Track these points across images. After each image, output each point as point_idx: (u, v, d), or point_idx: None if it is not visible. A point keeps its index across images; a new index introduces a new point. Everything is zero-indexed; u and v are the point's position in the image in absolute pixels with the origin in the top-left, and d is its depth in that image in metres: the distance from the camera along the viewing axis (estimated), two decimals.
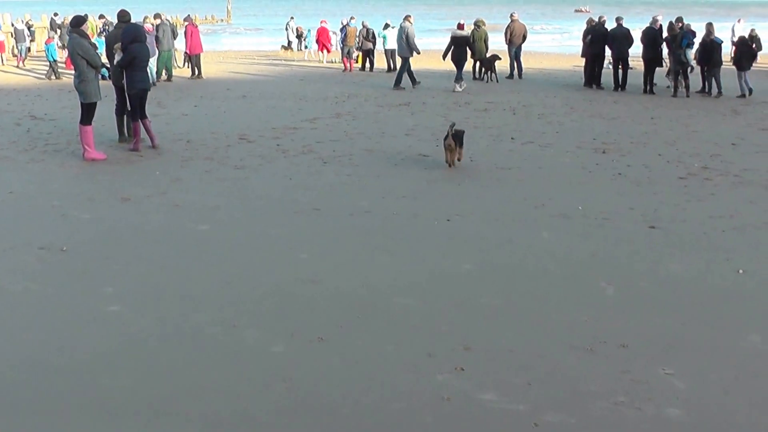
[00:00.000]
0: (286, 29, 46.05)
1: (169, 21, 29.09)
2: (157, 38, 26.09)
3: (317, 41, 37.36)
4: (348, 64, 32.59)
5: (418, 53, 26.10)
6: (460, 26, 26.86)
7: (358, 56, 33.19)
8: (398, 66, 26.57)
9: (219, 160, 13.82)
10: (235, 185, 12.08)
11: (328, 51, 36.59)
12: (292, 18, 47.83)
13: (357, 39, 32.68)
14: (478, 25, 27.89)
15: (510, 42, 28.89)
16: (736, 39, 36.69)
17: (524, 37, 29.21)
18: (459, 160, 13.52)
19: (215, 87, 25.59)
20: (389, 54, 31.71)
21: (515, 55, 28.95)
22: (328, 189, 11.83)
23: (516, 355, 6.36)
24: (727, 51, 31.32)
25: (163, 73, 27.20)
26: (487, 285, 7.95)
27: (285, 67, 33.80)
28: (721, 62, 24.08)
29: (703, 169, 13.55)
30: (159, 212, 10.48)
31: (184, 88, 25.00)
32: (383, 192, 11.64)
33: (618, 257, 8.94)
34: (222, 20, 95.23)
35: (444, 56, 26.12)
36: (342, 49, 33.32)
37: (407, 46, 25.41)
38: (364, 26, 32.87)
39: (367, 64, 32.93)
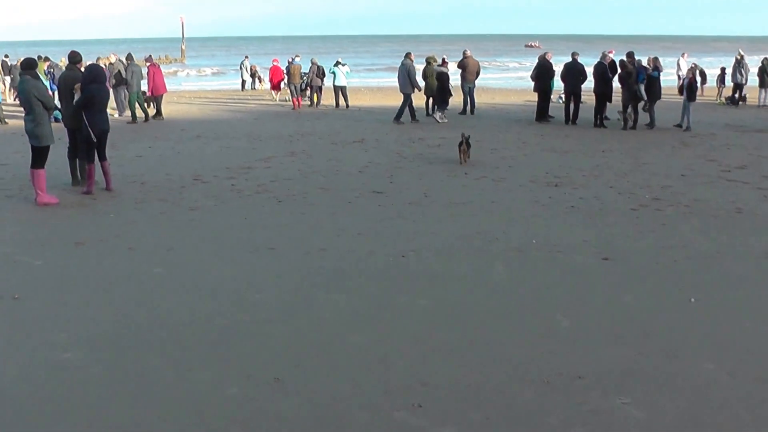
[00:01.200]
0: (241, 68, 46.06)
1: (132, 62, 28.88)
2: (125, 80, 26.51)
3: (270, 80, 37.51)
4: (295, 102, 32.85)
5: (419, 90, 26.91)
6: (444, 63, 28.65)
7: (314, 95, 33.59)
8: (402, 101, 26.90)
9: (173, 201, 13.73)
10: (190, 226, 11.99)
11: (279, 89, 36.74)
12: (246, 57, 47.73)
13: (306, 76, 33.09)
14: (428, 61, 28.21)
15: (463, 78, 29.10)
16: (682, 72, 37.74)
17: (477, 74, 29.47)
18: (468, 157, 17.34)
19: (169, 127, 25.47)
20: (338, 91, 32.52)
21: (469, 91, 29.21)
22: (282, 228, 11.80)
23: (473, 390, 6.35)
24: (674, 84, 32.00)
25: (126, 114, 27.28)
26: (443, 320, 7.95)
27: (239, 107, 33.77)
28: (659, 96, 24.70)
29: (654, 201, 13.73)
30: (113, 256, 10.34)
31: (138, 129, 24.86)
32: (338, 230, 11.62)
33: (572, 289, 9.00)
34: (176, 60, 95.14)
35: (419, 88, 26.96)
36: (289, 87, 33.56)
37: (409, 82, 26.28)
38: (313, 63, 33.35)
39: (315, 100, 33.57)
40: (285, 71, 34.23)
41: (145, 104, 27.50)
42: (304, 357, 7.01)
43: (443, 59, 29.81)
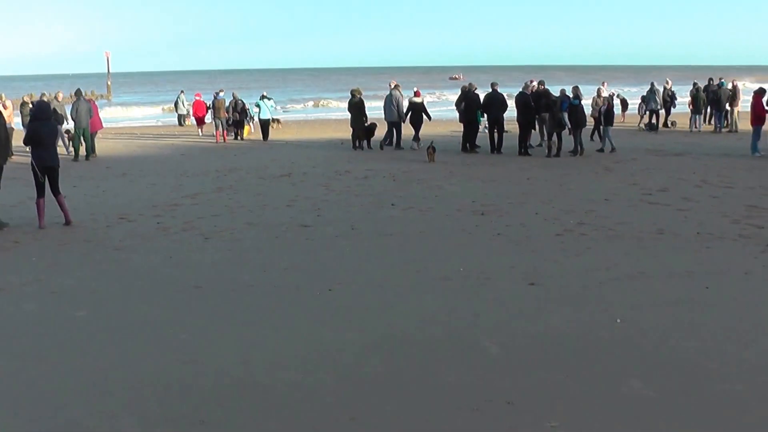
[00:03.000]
0: (176, 103, 44.85)
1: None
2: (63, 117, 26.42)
3: (194, 115, 37.39)
4: (219, 136, 32.86)
5: (403, 121, 27.99)
6: (417, 93, 29.18)
7: (239, 129, 33.72)
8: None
9: (98, 241, 13.48)
10: (115, 267, 11.77)
11: (203, 124, 36.63)
12: (182, 92, 46.36)
13: (229, 110, 33.24)
14: (353, 94, 28.34)
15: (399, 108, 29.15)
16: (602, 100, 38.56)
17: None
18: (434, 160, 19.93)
19: (95, 165, 25.16)
20: (263, 123, 32.93)
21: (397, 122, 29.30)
22: (209, 266, 11.65)
23: (402, 422, 6.34)
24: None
25: (70, 151, 27.10)
26: (372, 353, 7.93)
27: (166, 142, 33.44)
28: (584, 123, 25.21)
29: (578, 225, 13.93)
30: (35, 300, 10.08)
31: (64, 168, 24.34)
32: (265, 265, 11.54)
33: (500, 316, 9.06)
34: (102, 96, 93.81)
35: (403, 120, 27.98)
36: (214, 121, 33.58)
37: (396, 112, 27.49)
38: (234, 97, 33.57)
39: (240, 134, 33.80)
40: (210, 106, 34.17)
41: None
42: (230, 398, 6.90)
43: (416, 91, 30.25)
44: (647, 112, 35.81)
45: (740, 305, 9.45)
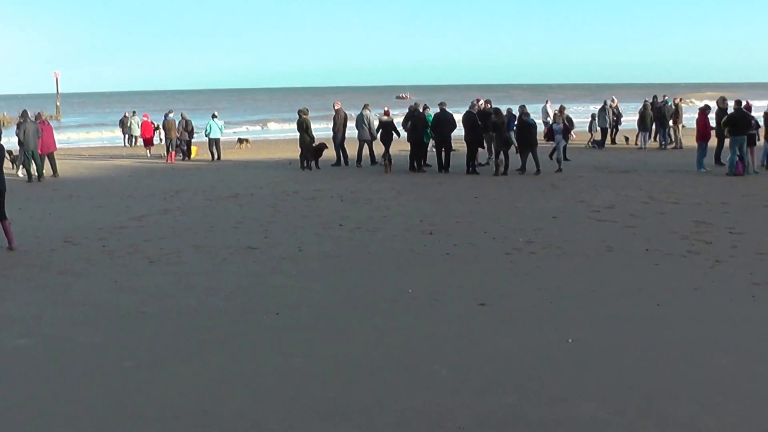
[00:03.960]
0: (129, 124, 43.52)
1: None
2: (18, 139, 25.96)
3: (142, 136, 37.12)
4: (169, 157, 32.72)
5: (375, 139, 28.70)
6: (386, 113, 30.15)
7: (191, 148, 33.69)
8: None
9: (42, 266, 13.12)
10: (59, 292, 11.45)
11: (151, 144, 36.28)
12: (134, 113, 45.21)
13: (179, 131, 33.15)
14: (300, 114, 28.29)
15: (334, 131, 29.19)
16: (549, 119, 39.34)
17: (346, 125, 29.77)
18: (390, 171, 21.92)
19: (41, 187, 24.68)
20: (213, 143, 32.86)
21: (340, 143, 29.26)
22: (154, 290, 11.38)
23: None
24: (540, 129, 33.11)
25: (21, 173, 26.70)
26: (320, 378, 7.77)
27: (114, 164, 32.93)
28: (536, 142, 25.32)
29: (527, 243, 13.89)
30: None
31: (10, 190, 23.77)
32: (211, 289, 11.30)
33: (451, 337, 8.94)
34: (51, 117, 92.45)
35: (374, 137, 28.67)
36: (165, 141, 33.41)
37: (368, 130, 28.29)
38: (183, 118, 33.49)
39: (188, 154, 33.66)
40: (161, 126, 33.99)
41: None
42: (177, 428, 6.67)
43: (386, 110, 31.14)
44: (599, 129, 36.24)
45: (692, 322, 9.45)
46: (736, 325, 9.36)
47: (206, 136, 33.31)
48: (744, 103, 27.15)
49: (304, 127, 27.86)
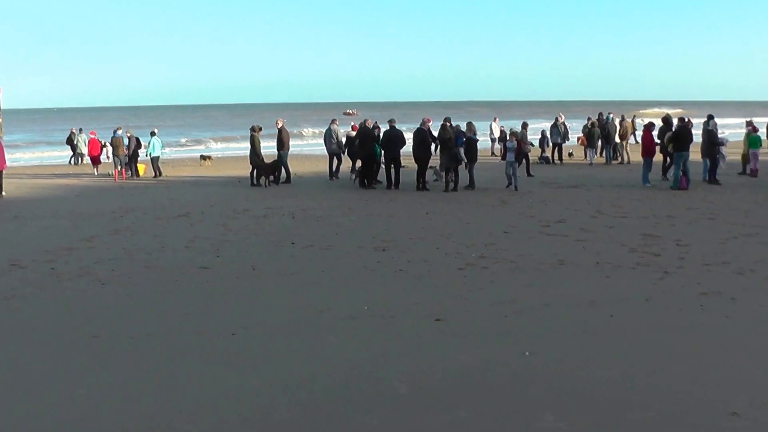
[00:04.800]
0: (76, 142, 42.96)
1: None
2: None
3: (89, 154, 36.80)
4: (117, 174, 32.60)
5: (343, 152, 29.81)
6: (354, 128, 30.39)
7: (138, 166, 33.53)
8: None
9: None
10: (5, 318, 11.19)
11: (99, 162, 36.00)
12: (80, 130, 44.25)
13: (129, 148, 33.01)
14: (252, 130, 28.28)
15: (281, 148, 29.13)
16: (495, 136, 39.96)
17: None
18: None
19: None
20: (155, 161, 33.02)
21: (285, 161, 29.24)
22: (107, 313, 11.20)
23: None
24: (488, 146, 33.55)
25: None
26: (278, 399, 7.72)
27: (60, 183, 32.40)
28: (477, 158, 25.68)
29: (480, 258, 13.98)
30: None
31: None
32: (165, 311, 11.19)
33: (408, 353, 8.96)
34: None
35: (343, 151, 30.01)
36: (113, 159, 33.27)
37: (336, 144, 29.84)
38: (131, 135, 33.45)
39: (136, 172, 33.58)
40: (109, 143, 33.69)
41: None
42: None
43: (353, 126, 31.56)
44: (550, 146, 36.79)
45: (645, 332, 9.63)
46: (687, 334, 9.55)
47: (148, 155, 33.10)
48: (686, 119, 27.81)
49: (254, 145, 27.83)
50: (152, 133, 33.53)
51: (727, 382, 7.92)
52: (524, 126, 31.78)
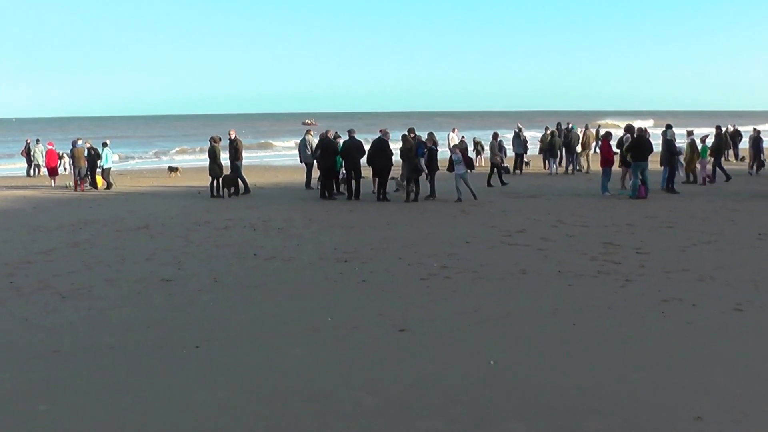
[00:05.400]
0: (33, 153, 42.28)
1: None
2: None
3: (47, 165, 36.61)
4: (78, 185, 32.37)
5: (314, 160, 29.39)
6: (331, 135, 29.51)
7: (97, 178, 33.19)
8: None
9: None
10: None
11: (56, 173, 35.69)
12: (38, 141, 43.66)
13: (93, 159, 32.78)
14: (211, 141, 28.14)
15: (236, 158, 28.82)
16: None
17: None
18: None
19: None
20: (106, 173, 32.75)
21: (240, 171, 29.06)
22: (68, 327, 11.06)
23: None
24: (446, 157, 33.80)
25: None
26: (243, 412, 7.68)
27: (16, 194, 31.90)
28: (437, 168, 25.78)
29: (442, 269, 14.02)
30: None
31: None
32: (127, 324, 11.07)
33: (373, 365, 8.96)
34: None
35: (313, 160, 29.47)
36: (72, 170, 32.94)
37: (311, 154, 29.67)
38: (90, 147, 33.17)
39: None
40: (66, 155, 33.41)
41: None
42: None
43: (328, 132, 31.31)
44: (514, 156, 37.06)
45: (608, 339, 9.73)
46: (650, 341, 9.66)
47: (101, 167, 32.80)
48: (644, 129, 28.23)
49: (214, 155, 27.68)
50: (104, 144, 33.21)
51: (690, 387, 8.02)
52: (494, 136, 31.89)
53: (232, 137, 29.22)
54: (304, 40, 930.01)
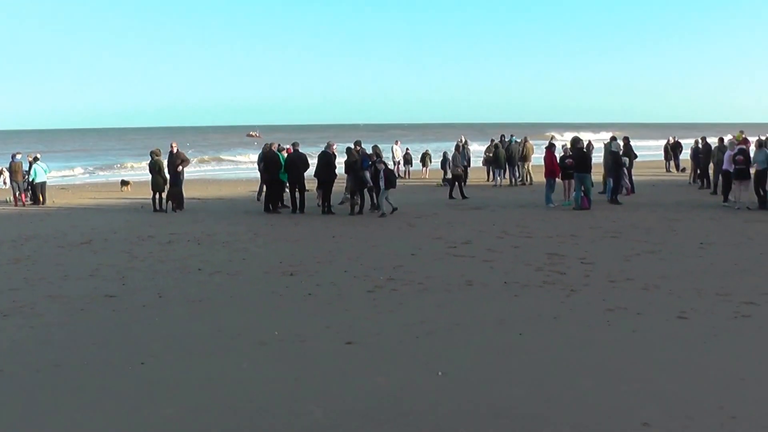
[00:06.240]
0: None
1: None
2: None
3: None
4: (16, 200, 32.09)
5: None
6: (288, 150, 28.86)
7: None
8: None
9: None
10: None
11: None
12: None
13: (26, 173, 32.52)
14: (152, 154, 27.88)
15: (176, 173, 28.42)
16: (398, 159, 40.42)
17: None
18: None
19: None
20: (39, 187, 32.49)
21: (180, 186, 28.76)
22: (9, 346, 10.82)
23: None
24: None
25: None
26: (190, 428, 7.60)
27: None
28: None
29: (389, 281, 14.03)
30: None
31: None
32: (71, 342, 10.88)
33: (322, 378, 8.92)
34: None
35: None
36: (11, 185, 32.69)
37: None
38: (31, 160, 32.88)
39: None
40: (6, 169, 32.98)
41: None
42: None
43: (288, 148, 30.58)
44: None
45: (554, 348, 9.81)
46: (596, 349, 9.76)
47: (29, 182, 32.33)
48: (588, 141, 28.69)
49: (156, 169, 27.38)
50: (35, 159, 32.82)
51: (636, 393, 8.11)
52: (457, 148, 32.10)
53: (174, 150, 28.79)
54: (252, 50, 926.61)
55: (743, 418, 7.46)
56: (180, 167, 28.07)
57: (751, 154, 25.75)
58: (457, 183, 30.37)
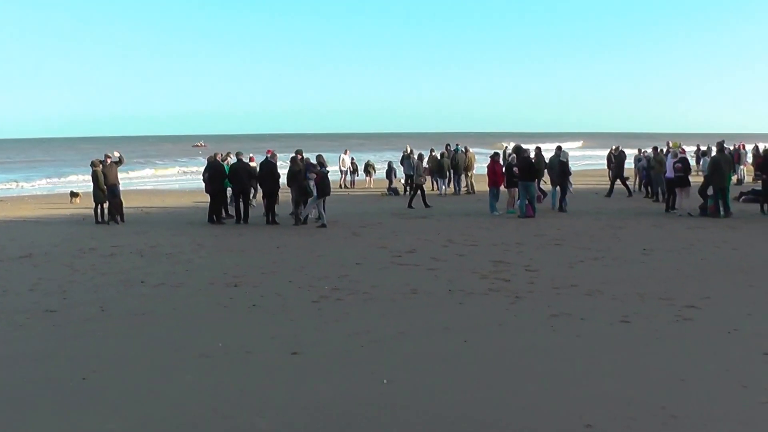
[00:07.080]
0: None
1: None
2: None
3: None
4: None
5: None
6: (251, 159, 30.07)
7: None
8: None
9: None
10: None
11: None
12: None
13: None
14: (92, 165, 27.53)
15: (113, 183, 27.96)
16: (345, 168, 40.52)
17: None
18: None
19: None
20: None
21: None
22: None
23: None
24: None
25: None
26: None
27: None
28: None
29: (334, 291, 14.00)
30: None
31: None
32: (10, 358, 10.64)
33: (267, 389, 8.86)
34: None
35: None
36: None
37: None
38: None
39: None
40: None
41: None
42: None
43: (251, 157, 30.93)
44: (404, 177, 37.45)
45: (499, 355, 9.88)
46: (541, 354, 9.86)
47: None
48: (537, 149, 29.05)
49: (96, 180, 26.99)
50: None
51: (580, 397, 8.21)
52: (420, 157, 32.36)
53: (113, 158, 28.17)
54: (201, 59, 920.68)
55: (684, 417, 7.60)
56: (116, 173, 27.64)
57: (692, 163, 26.28)
58: (420, 191, 30.47)
